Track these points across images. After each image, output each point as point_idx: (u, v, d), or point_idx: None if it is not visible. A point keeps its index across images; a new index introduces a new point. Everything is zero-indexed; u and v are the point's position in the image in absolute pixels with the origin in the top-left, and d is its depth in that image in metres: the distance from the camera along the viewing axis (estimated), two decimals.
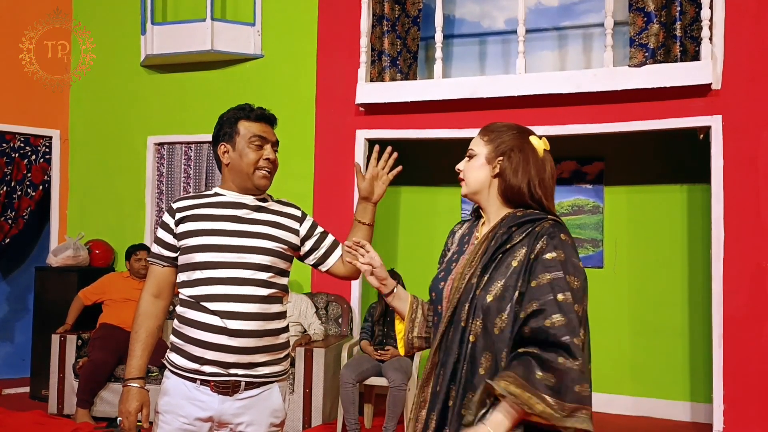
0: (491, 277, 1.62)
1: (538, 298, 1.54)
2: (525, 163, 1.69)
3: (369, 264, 1.85)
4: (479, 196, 1.77)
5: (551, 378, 1.47)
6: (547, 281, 1.55)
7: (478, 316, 1.60)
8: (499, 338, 1.57)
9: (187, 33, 5.67)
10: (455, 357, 1.62)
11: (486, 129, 1.81)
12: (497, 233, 1.67)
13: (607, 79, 4.73)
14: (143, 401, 2.05)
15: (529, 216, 1.66)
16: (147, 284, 2.13)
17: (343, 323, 5.24)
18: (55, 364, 4.98)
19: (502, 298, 1.58)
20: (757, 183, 4.51)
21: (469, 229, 1.84)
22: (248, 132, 2.09)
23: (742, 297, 4.48)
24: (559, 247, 1.59)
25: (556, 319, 1.51)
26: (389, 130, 5.35)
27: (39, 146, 6.09)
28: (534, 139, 1.75)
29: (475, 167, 1.76)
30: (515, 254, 1.62)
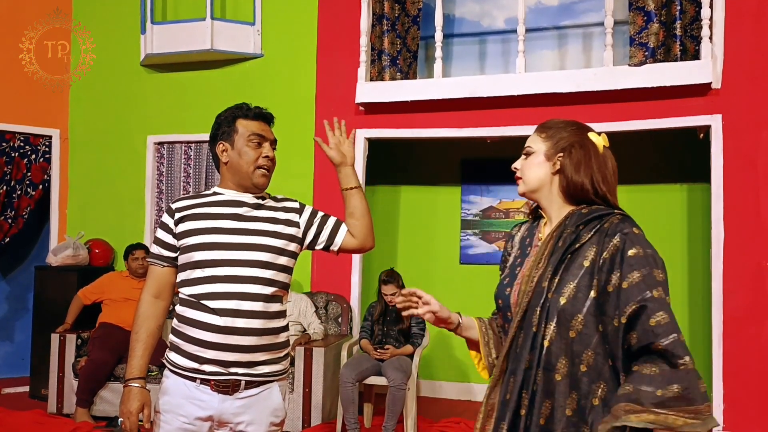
0: (562, 278, 1.56)
1: (635, 298, 1.48)
2: (587, 159, 1.65)
3: (429, 311, 1.81)
4: (538, 194, 1.73)
5: (678, 388, 1.42)
6: (639, 279, 1.49)
7: (552, 320, 1.54)
8: (576, 341, 1.52)
9: (186, 32, 5.66)
10: (526, 364, 1.57)
11: (543, 126, 1.76)
12: (564, 233, 1.62)
13: (607, 79, 4.73)
14: (144, 401, 2.04)
15: (596, 212, 1.61)
16: (147, 285, 2.13)
17: (343, 322, 5.24)
18: (54, 364, 4.98)
19: (576, 300, 1.53)
20: (757, 182, 4.51)
21: (529, 231, 1.79)
22: (246, 130, 2.09)
23: (742, 296, 4.48)
24: (637, 242, 1.54)
25: (660, 317, 1.47)
26: (389, 129, 5.35)
27: (39, 145, 6.09)
28: (593, 135, 1.71)
29: (534, 165, 1.72)
30: (585, 254, 1.57)
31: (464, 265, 6.04)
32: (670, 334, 1.45)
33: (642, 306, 1.47)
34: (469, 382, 5.91)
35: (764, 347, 4.42)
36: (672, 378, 1.43)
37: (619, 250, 1.53)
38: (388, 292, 4.72)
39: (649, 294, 1.48)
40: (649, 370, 1.45)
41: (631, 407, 1.42)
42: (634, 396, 1.42)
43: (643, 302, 1.47)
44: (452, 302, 5.93)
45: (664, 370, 1.44)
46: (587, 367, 1.52)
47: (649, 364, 1.45)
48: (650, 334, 1.45)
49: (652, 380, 1.43)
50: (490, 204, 6.01)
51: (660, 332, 1.45)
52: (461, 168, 6.09)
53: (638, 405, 1.41)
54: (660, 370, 1.44)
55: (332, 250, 2.20)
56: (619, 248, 1.53)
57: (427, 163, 6.14)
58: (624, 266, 1.51)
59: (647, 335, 1.46)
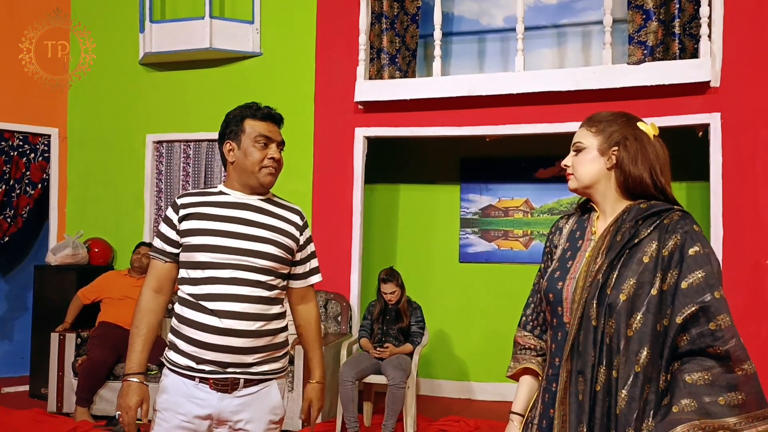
0: (621, 274, 1.52)
1: (695, 299, 1.44)
2: (643, 151, 1.60)
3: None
4: (592, 190, 1.67)
5: (740, 395, 1.39)
6: (701, 279, 1.45)
7: (611, 317, 1.50)
8: (633, 340, 1.48)
9: (185, 31, 5.66)
10: (592, 360, 1.52)
11: (591, 120, 1.70)
12: (622, 227, 1.57)
13: (606, 77, 4.73)
14: (143, 396, 2.04)
15: (655, 208, 1.57)
16: (148, 279, 2.12)
17: (343, 321, 5.24)
18: (54, 363, 4.98)
19: (636, 297, 1.49)
20: (756, 180, 4.51)
21: (578, 224, 1.73)
22: (254, 131, 2.08)
23: (740, 295, 4.48)
24: (697, 240, 1.49)
25: (722, 320, 1.43)
26: (388, 128, 5.35)
27: (38, 144, 6.09)
28: (642, 125, 1.66)
29: (587, 161, 1.66)
30: (645, 249, 1.52)
31: (463, 264, 6.04)
32: (732, 338, 1.42)
33: (703, 308, 1.43)
34: (468, 380, 5.92)
35: (763, 345, 4.42)
36: (732, 384, 1.39)
37: (679, 248, 1.49)
38: (387, 291, 4.73)
39: (710, 296, 1.44)
40: (699, 376, 1.41)
41: (705, 423, 1.37)
42: (703, 410, 1.38)
43: (703, 304, 1.43)
44: (451, 300, 5.96)
45: (717, 375, 1.40)
46: (641, 367, 1.47)
47: (699, 371, 1.41)
48: (709, 338, 1.42)
49: (710, 390, 1.39)
50: (489, 202, 6.01)
51: (720, 336, 1.41)
52: (460, 166, 6.09)
53: (708, 419, 1.37)
54: (713, 377, 1.40)
55: (290, 285, 2.24)
56: (679, 246, 1.49)
57: (426, 161, 6.14)
58: (683, 265, 1.47)
59: (704, 338, 1.42)
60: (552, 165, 5.73)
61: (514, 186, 5.95)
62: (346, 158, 5.42)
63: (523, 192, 5.94)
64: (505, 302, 5.78)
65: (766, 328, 4.43)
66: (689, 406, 1.39)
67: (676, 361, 1.46)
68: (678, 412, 1.39)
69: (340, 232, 5.39)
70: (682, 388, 1.41)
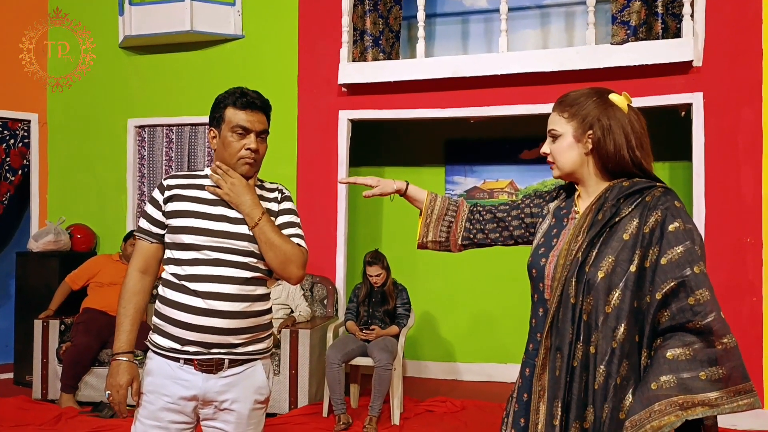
0: (600, 251, 1.53)
1: (675, 274, 1.45)
2: (617, 128, 1.60)
3: (375, 194, 1.99)
4: (575, 176, 1.68)
5: (721, 369, 1.39)
6: (680, 255, 1.46)
7: (589, 294, 1.51)
8: (611, 317, 1.49)
9: (165, 13, 5.58)
10: (570, 337, 1.53)
11: (562, 103, 1.69)
12: (603, 206, 1.58)
13: (590, 57, 4.73)
14: (133, 375, 2.04)
15: (637, 185, 1.57)
16: (134, 260, 2.11)
17: (329, 304, 5.24)
18: (38, 350, 4.95)
19: (614, 274, 1.50)
20: (738, 159, 4.55)
21: (565, 202, 1.75)
22: (231, 121, 2.05)
23: (722, 273, 4.53)
24: (678, 216, 1.50)
25: (700, 295, 1.44)
26: (372, 110, 5.32)
27: (17, 130, 6.00)
28: (615, 97, 1.65)
29: (564, 149, 1.66)
30: (626, 227, 1.53)
31: None
32: (711, 312, 1.43)
33: (682, 283, 1.44)
34: (454, 361, 5.95)
35: (745, 323, 4.48)
36: (713, 358, 1.40)
37: (660, 225, 1.50)
38: (373, 273, 4.73)
39: (689, 271, 1.45)
40: (681, 351, 1.42)
41: (684, 399, 1.38)
42: (682, 386, 1.39)
43: (682, 279, 1.44)
44: (437, 282, 5.99)
45: (698, 350, 1.41)
46: (618, 343, 1.48)
47: (680, 347, 1.42)
48: (688, 313, 1.43)
49: (690, 365, 1.40)
50: (474, 184, 6.02)
51: (699, 310, 1.42)
52: (445, 148, 6.08)
53: (689, 395, 1.38)
54: (693, 352, 1.41)
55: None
56: (660, 222, 1.50)
57: (410, 143, 6.12)
58: (663, 241, 1.48)
59: (684, 314, 1.43)
60: (536, 146, 5.72)
61: (499, 167, 5.96)
62: (331, 141, 5.40)
63: (507, 173, 5.95)
64: (491, 284, 5.81)
65: (748, 306, 4.48)
66: (669, 383, 1.40)
67: (659, 338, 1.47)
68: (657, 389, 1.41)
69: (326, 215, 5.38)
70: (662, 364, 1.42)
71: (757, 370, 4.44)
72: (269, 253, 2.03)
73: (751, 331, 4.46)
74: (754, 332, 4.46)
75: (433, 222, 1.95)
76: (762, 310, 4.46)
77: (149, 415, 2.03)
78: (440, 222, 1.95)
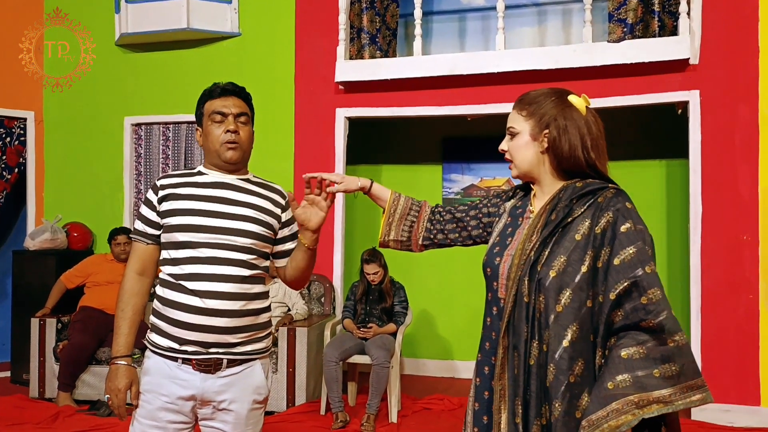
0: (552, 251, 1.55)
1: (627, 274, 1.47)
2: (573, 129, 1.62)
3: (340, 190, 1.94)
4: (531, 175, 1.70)
5: (673, 366, 1.42)
6: (632, 255, 1.48)
7: (541, 293, 1.53)
8: (562, 316, 1.51)
9: (162, 11, 5.57)
10: (525, 336, 1.55)
11: (521, 102, 1.71)
12: (557, 206, 1.60)
13: (586, 55, 4.73)
14: (132, 379, 2.03)
15: (590, 186, 1.60)
16: (130, 262, 2.10)
17: (326, 302, 5.25)
18: (35, 348, 4.95)
19: (566, 274, 1.52)
20: (734, 157, 4.55)
21: (522, 201, 1.76)
22: (209, 110, 2.08)
23: (719, 270, 4.54)
24: (629, 217, 1.53)
25: (652, 294, 1.46)
26: (369, 108, 5.32)
27: (13, 128, 5.99)
28: (573, 98, 1.66)
29: (521, 146, 1.68)
30: (578, 228, 1.55)
31: None
32: (663, 311, 1.45)
33: (635, 283, 1.46)
34: (452, 359, 5.96)
35: (741, 320, 4.49)
36: (665, 356, 1.42)
37: (611, 226, 1.52)
38: (370, 271, 4.73)
39: (641, 271, 1.47)
40: (635, 350, 1.44)
41: (640, 398, 1.40)
42: (638, 385, 1.41)
43: (635, 279, 1.47)
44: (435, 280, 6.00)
45: (651, 348, 1.43)
46: (569, 342, 1.50)
47: (634, 345, 1.44)
48: (641, 312, 1.45)
49: (644, 363, 1.42)
50: (472, 182, 6.02)
51: (652, 309, 1.45)
52: (442, 146, 6.08)
53: (644, 393, 1.40)
54: (647, 350, 1.43)
55: (276, 265, 2.23)
56: (611, 223, 1.52)
57: (407, 141, 6.12)
58: (615, 242, 1.50)
59: (637, 313, 1.45)
60: None
61: (496, 165, 5.96)
62: (328, 139, 5.40)
63: (504, 171, 5.95)
64: None
65: (744, 303, 4.49)
66: (624, 382, 1.42)
67: (613, 337, 1.49)
68: (613, 388, 1.42)
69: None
70: (617, 364, 1.44)
71: (753, 366, 4.45)
72: (302, 275, 2.15)
73: (747, 328, 4.48)
74: (751, 329, 4.47)
75: (395, 221, 1.96)
76: (758, 307, 4.47)
77: (147, 414, 2.02)
78: (402, 221, 1.97)
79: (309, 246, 2.07)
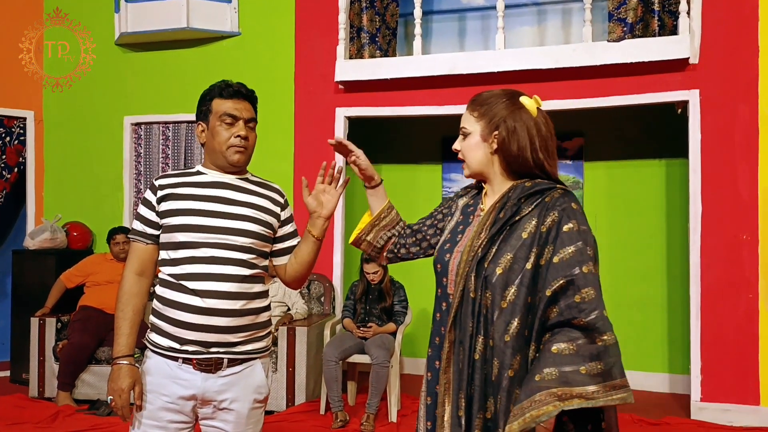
0: (500, 249, 1.59)
1: (564, 273, 1.51)
2: (522, 130, 1.65)
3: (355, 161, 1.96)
4: (483, 175, 1.74)
5: (599, 365, 1.46)
6: (571, 254, 1.53)
7: (488, 289, 1.58)
8: (506, 312, 1.55)
9: (161, 10, 5.57)
10: (471, 331, 1.60)
11: (474, 102, 1.75)
12: (506, 205, 1.64)
13: (586, 54, 4.73)
14: (135, 378, 2.02)
15: (538, 186, 1.64)
16: (129, 262, 2.10)
17: (326, 302, 5.24)
18: (34, 348, 4.95)
19: (511, 271, 1.56)
20: (734, 157, 4.55)
21: (474, 199, 1.81)
22: (219, 110, 2.06)
23: (719, 269, 4.55)
24: (573, 217, 1.57)
25: (586, 293, 1.50)
26: (369, 107, 5.32)
27: (13, 128, 5.99)
28: (525, 99, 1.69)
29: (473, 147, 1.72)
30: (525, 226, 1.59)
31: None
32: (594, 310, 1.49)
33: (570, 281, 1.51)
34: None
35: (741, 319, 4.49)
36: (594, 354, 1.47)
37: (556, 225, 1.56)
38: (370, 271, 4.73)
39: (578, 270, 1.52)
40: (565, 346, 1.48)
41: (563, 392, 1.45)
42: (563, 379, 1.45)
43: (571, 277, 1.51)
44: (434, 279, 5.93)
45: (582, 346, 1.47)
46: (511, 337, 1.54)
47: (565, 342, 1.49)
48: (574, 310, 1.50)
49: (573, 359, 1.47)
50: (471, 182, 6.01)
51: (585, 308, 1.49)
52: (442, 146, 6.08)
53: (567, 387, 1.45)
54: (577, 347, 1.47)
55: (275, 263, 2.23)
56: (556, 223, 1.56)
57: (407, 141, 6.12)
58: (558, 241, 1.55)
59: (570, 310, 1.50)
60: None
61: None
62: (328, 138, 5.36)
63: None
64: None
65: (744, 303, 4.49)
66: (551, 375, 1.46)
67: (548, 333, 1.53)
68: (540, 381, 1.47)
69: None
70: (547, 358, 1.49)
71: (753, 366, 4.45)
72: (304, 268, 2.16)
73: (747, 327, 4.48)
74: (750, 329, 4.47)
75: (379, 227, 2.01)
76: (758, 306, 4.47)
77: (148, 414, 2.02)
78: (384, 230, 2.02)
79: (317, 236, 2.10)
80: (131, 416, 2.06)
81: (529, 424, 1.45)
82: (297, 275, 2.20)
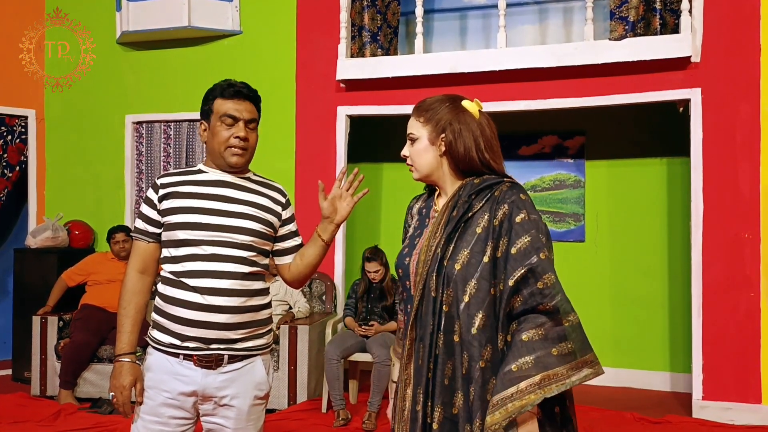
0: (456, 246, 1.64)
1: (523, 262, 1.57)
2: (467, 132, 1.71)
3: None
4: (433, 177, 1.79)
5: (569, 344, 1.53)
6: (527, 243, 1.58)
7: (449, 286, 1.62)
8: (470, 305, 1.60)
9: (163, 9, 5.56)
10: (431, 329, 1.64)
11: (419, 108, 1.80)
12: (457, 203, 1.69)
13: (588, 53, 4.73)
14: (136, 376, 2.04)
15: (487, 182, 1.69)
16: (132, 260, 2.11)
17: (327, 300, 5.25)
18: (36, 346, 4.95)
19: (468, 265, 1.61)
20: (736, 155, 4.55)
21: (426, 203, 1.87)
22: (220, 110, 2.06)
23: (720, 268, 4.54)
24: (523, 207, 1.62)
25: (547, 279, 1.56)
26: (370, 106, 5.32)
27: (14, 126, 5.99)
28: (467, 103, 1.76)
29: (421, 151, 1.77)
30: (478, 221, 1.65)
31: None
32: (557, 294, 1.56)
33: (530, 269, 1.56)
34: None
35: (742, 317, 4.49)
36: (561, 335, 1.54)
37: (507, 217, 1.62)
38: (371, 270, 4.74)
39: (536, 258, 1.57)
40: (534, 332, 1.54)
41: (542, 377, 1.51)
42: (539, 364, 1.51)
43: (531, 266, 1.56)
44: None
45: (549, 329, 1.54)
46: (477, 329, 1.59)
47: (533, 328, 1.55)
48: (538, 296, 1.55)
49: (543, 344, 1.53)
50: None
51: (548, 293, 1.55)
52: None
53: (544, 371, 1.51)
54: (545, 331, 1.54)
55: (277, 262, 2.25)
56: (507, 215, 1.62)
57: None
58: (512, 233, 1.60)
59: (534, 297, 1.56)
60: (535, 142, 5.74)
61: None
62: (329, 137, 5.40)
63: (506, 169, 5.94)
64: None
65: (745, 301, 4.49)
66: (527, 363, 1.52)
67: (514, 322, 1.59)
68: (517, 371, 1.52)
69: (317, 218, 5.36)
70: (520, 347, 1.54)
71: (754, 364, 4.45)
72: (308, 269, 2.18)
73: (748, 326, 4.47)
74: (752, 327, 4.47)
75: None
76: (759, 305, 4.47)
77: (149, 410, 2.03)
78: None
79: (327, 241, 2.12)
80: (132, 413, 2.07)
81: (512, 413, 1.50)
82: (300, 276, 2.22)
